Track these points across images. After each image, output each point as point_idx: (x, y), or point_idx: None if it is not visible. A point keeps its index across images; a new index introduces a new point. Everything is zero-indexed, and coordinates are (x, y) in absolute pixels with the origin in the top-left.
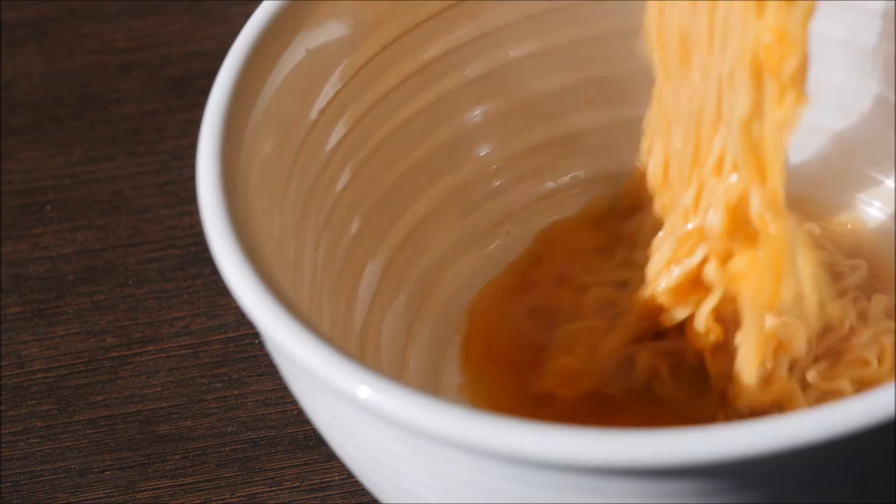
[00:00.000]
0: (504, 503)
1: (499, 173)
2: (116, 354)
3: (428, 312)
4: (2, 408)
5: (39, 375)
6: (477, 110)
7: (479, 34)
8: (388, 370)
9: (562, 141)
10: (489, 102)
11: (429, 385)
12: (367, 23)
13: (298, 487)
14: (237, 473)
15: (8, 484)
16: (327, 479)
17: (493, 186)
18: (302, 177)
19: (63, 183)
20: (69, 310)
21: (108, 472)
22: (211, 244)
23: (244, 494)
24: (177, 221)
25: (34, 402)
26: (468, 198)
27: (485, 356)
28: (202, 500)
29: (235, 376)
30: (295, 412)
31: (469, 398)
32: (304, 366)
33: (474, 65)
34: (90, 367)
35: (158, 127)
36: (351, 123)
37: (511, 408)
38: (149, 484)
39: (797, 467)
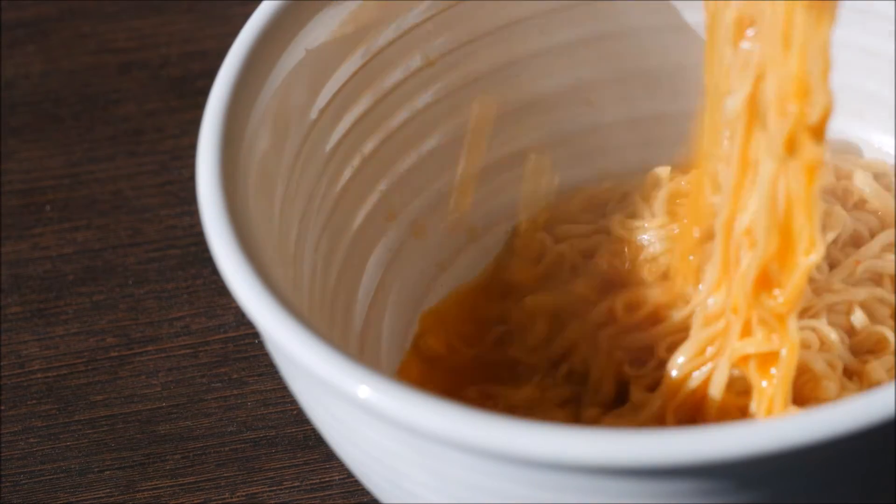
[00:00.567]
0: (504, 503)
1: (499, 173)
2: (116, 354)
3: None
4: (2, 408)
5: (39, 375)
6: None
7: (480, 34)
8: (388, 370)
9: (561, 141)
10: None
11: None
12: (367, 23)
13: (298, 487)
14: (237, 473)
15: (8, 484)
16: (327, 479)
17: (493, 186)
18: (302, 177)
19: (63, 183)
20: (69, 310)
21: (108, 472)
22: (211, 244)
23: (244, 494)
24: (177, 221)
25: (34, 402)
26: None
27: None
28: (202, 500)
29: (235, 376)
30: (295, 412)
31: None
32: (304, 366)
33: (474, 65)
34: (90, 367)
35: (158, 127)
36: (351, 123)
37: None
38: (149, 484)
39: (797, 467)
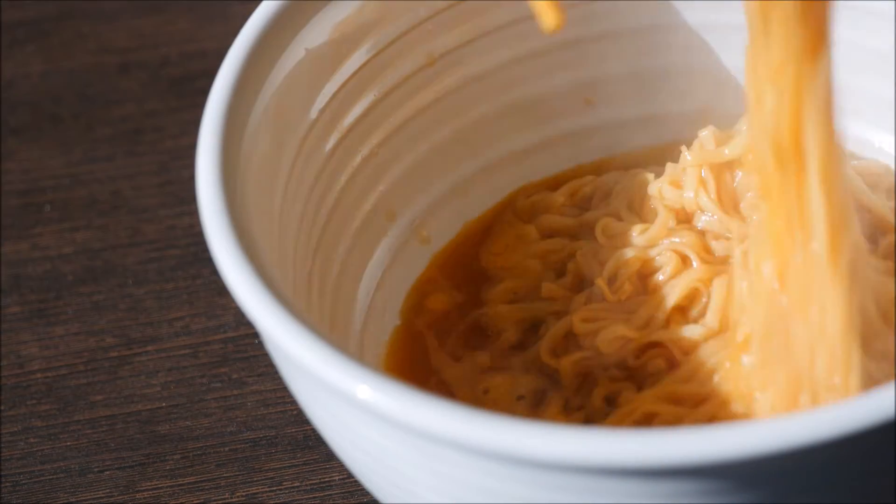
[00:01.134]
0: (504, 503)
1: (499, 173)
2: (116, 354)
3: None
4: (2, 408)
5: (39, 375)
6: (477, 110)
7: (479, 34)
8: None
9: (561, 141)
10: (489, 102)
11: None
12: (367, 23)
13: (298, 487)
14: (237, 473)
15: (8, 484)
16: (327, 479)
17: (493, 186)
18: (302, 177)
19: (62, 183)
20: (69, 310)
21: (108, 472)
22: (210, 244)
23: (244, 494)
24: (176, 221)
25: (34, 402)
26: (468, 197)
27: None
28: (202, 500)
29: (235, 376)
30: (294, 412)
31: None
32: (304, 366)
33: (474, 64)
34: (90, 367)
35: (158, 127)
36: (351, 123)
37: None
38: (149, 484)
39: (797, 467)
